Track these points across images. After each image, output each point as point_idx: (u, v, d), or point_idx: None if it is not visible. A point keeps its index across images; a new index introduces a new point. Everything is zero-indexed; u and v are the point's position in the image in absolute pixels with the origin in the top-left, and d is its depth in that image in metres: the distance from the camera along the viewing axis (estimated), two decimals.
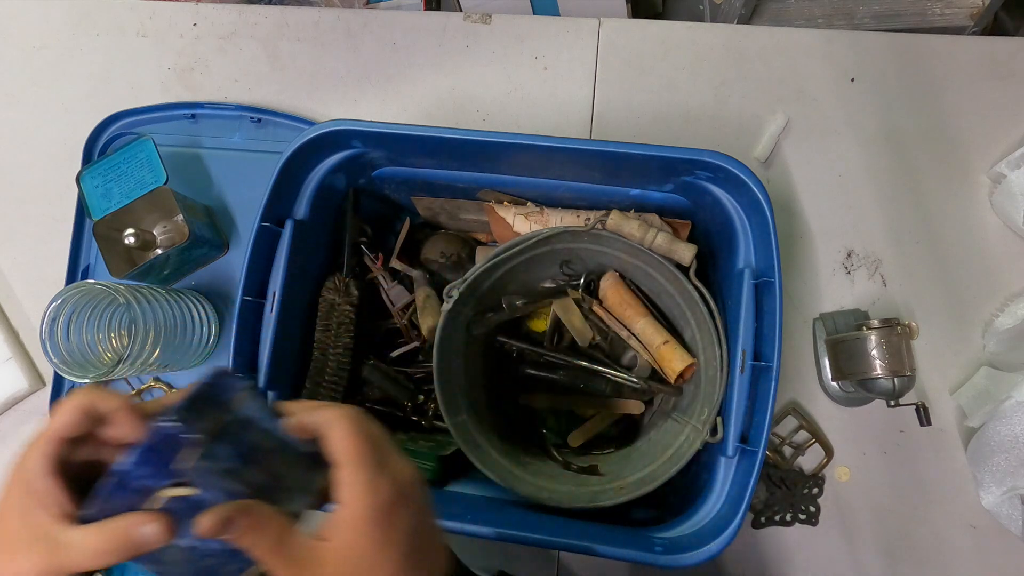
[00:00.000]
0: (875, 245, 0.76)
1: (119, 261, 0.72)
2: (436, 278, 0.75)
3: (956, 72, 0.79)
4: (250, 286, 0.62)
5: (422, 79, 0.83)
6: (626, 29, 0.83)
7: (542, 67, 0.82)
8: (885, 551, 0.72)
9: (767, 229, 0.57)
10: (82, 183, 0.73)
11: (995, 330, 0.72)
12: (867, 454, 0.73)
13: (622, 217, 0.64)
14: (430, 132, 0.60)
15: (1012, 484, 0.67)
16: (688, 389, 0.67)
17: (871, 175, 0.77)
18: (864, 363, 0.67)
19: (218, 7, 0.87)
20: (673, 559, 0.54)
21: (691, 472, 0.61)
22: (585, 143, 0.60)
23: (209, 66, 0.86)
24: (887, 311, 0.75)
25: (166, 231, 0.74)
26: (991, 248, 0.75)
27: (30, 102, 0.87)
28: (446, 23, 0.84)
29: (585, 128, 0.81)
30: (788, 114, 0.78)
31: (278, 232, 0.64)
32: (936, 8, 1.15)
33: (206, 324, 0.75)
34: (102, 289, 0.65)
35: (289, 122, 0.81)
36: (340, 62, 0.84)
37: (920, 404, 0.70)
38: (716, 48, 0.81)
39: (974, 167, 0.77)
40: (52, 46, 0.88)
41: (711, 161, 0.57)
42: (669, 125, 0.80)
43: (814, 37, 0.81)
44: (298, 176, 0.65)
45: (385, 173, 0.69)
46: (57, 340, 0.64)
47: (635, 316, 0.67)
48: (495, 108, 0.82)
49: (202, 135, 0.82)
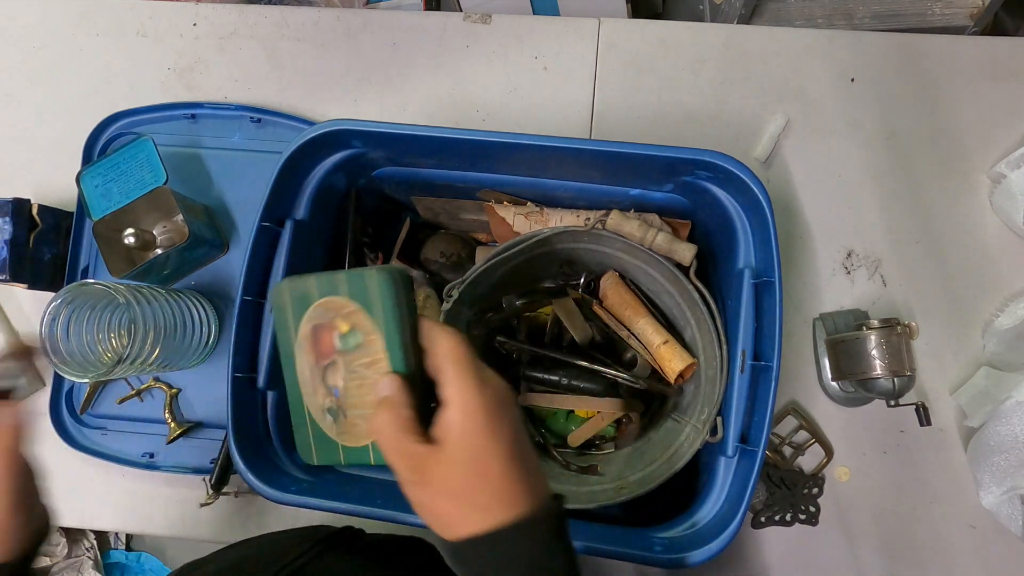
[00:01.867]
0: (875, 245, 0.76)
1: (119, 261, 0.71)
2: (436, 278, 0.75)
3: (956, 72, 0.79)
4: (250, 286, 0.62)
5: (422, 79, 0.83)
6: (626, 29, 0.83)
7: (542, 67, 0.82)
8: (885, 551, 0.72)
9: (767, 229, 0.57)
10: (82, 183, 0.73)
11: (995, 330, 0.72)
12: (867, 454, 0.73)
13: (622, 217, 0.64)
14: (430, 132, 0.60)
15: (1012, 484, 0.67)
16: (688, 389, 0.67)
17: (871, 175, 0.77)
18: (864, 363, 0.67)
19: (218, 7, 0.87)
20: (673, 559, 0.54)
21: (691, 472, 0.61)
22: (585, 143, 0.60)
23: (209, 66, 0.86)
24: (887, 311, 0.75)
25: (166, 231, 0.74)
26: (991, 248, 0.75)
27: (30, 102, 0.87)
28: (446, 23, 0.84)
29: (585, 128, 0.81)
30: (788, 114, 0.78)
31: (278, 232, 0.64)
32: (936, 8, 1.15)
33: (206, 324, 0.75)
34: (102, 289, 0.65)
35: (289, 122, 0.81)
36: (340, 62, 0.84)
37: (920, 404, 0.70)
38: (716, 48, 0.81)
39: (974, 167, 0.77)
40: (52, 46, 0.88)
41: (711, 161, 0.57)
42: (669, 125, 0.80)
43: (814, 37, 0.81)
44: (298, 176, 0.65)
45: (385, 173, 0.69)
46: (57, 340, 0.64)
47: (635, 316, 0.67)
48: (495, 108, 0.82)
49: (202, 135, 0.82)
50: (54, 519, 0.52)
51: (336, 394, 0.41)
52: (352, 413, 0.41)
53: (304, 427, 0.42)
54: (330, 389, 0.41)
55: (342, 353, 0.40)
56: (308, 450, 0.43)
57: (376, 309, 0.39)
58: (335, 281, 0.40)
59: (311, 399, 0.42)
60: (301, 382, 0.42)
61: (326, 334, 0.40)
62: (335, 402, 0.41)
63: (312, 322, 0.41)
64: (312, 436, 0.42)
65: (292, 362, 0.42)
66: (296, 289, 0.41)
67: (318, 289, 0.40)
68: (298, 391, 0.42)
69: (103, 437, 0.78)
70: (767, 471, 0.73)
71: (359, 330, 0.39)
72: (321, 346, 0.41)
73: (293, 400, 0.42)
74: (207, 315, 0.76)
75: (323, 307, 0.40)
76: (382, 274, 0.39)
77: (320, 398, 0.41)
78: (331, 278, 0.40)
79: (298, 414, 0.42)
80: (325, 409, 0.41)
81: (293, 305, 0.41)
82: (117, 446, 0.77)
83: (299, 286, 0.41)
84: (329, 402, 0.41)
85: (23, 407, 0.48)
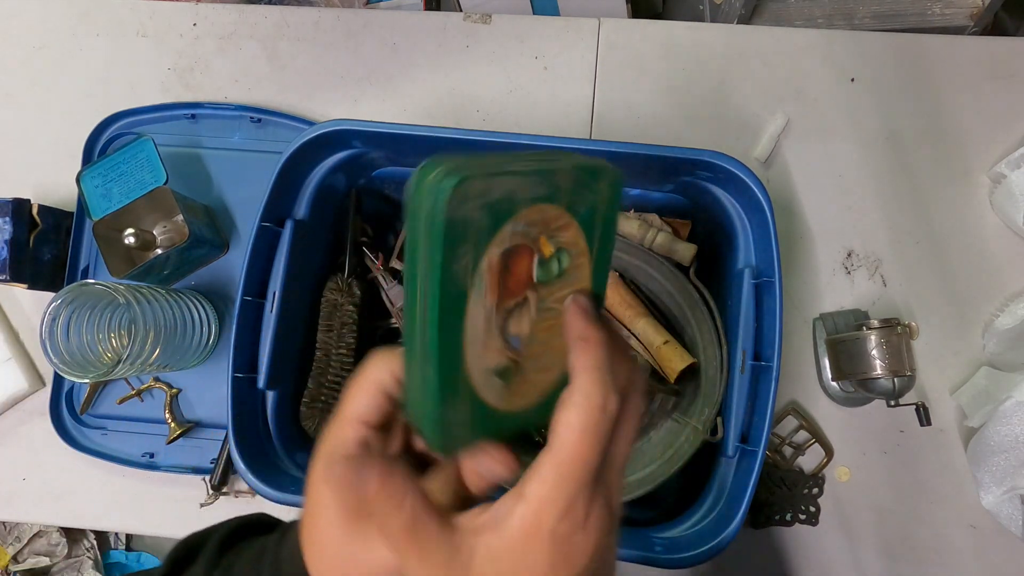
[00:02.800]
0: (875, 245, 0.76)
1: (119, 261, 0.71)
2: None
3: (956, 72, 0.79)
4: (250, 286, 0.62)
5: (422, 79, 0.83)
6: (626, 29, 0.83)
7: (542, 67, 0.82)
8: (885, 551, 0.72)
9: (767, 229, 0.57)
10: (82, 183, 0.73)
11: (995, 330, 0.72)
12: (867, 454, 0.73)
13: (622, 217, 0.64)
14: (430, 132, 0.60)
15: (1012, 484, 0.67)
16: (688, 389, 0.67)
17: (871, 175, 0.77)
18: (864, 363, 0.67)
19: (218, 7, 0.87)
20: (673, 559, 0.54)
21: (691, 472, 0.61)
22: (585, 143, 0.61)
23: (209, 66, 0.86)
24: (887, 311, 0.75)
25: (166, 231, 0.74)
26: (991, 248, 0.75)
27: (30, 102, 0.87)
28: (446, 23, 0.84)
29: (585, 128, 0.81)
30: (788, 114, 0.78)
31: (278, 232, 0.64)
32: (936, 8, 1.15)
33: (206, 324, 0.75)
34: (102, 289, 0.65)
35: (289, 122, 0.81)
36: (340, 62, 0.84)
37: (920, 404, 0.70)
38: (716, 48, 0.81)
39: (974, 167, 0.77)
40: (52, 46, 0.88)
41: (711, 161, 0.57)
42: (669, 125, 0.80)
43: (814, 37, 0.81)
44: (298, 176, 0.65)
45: (385, 173, 0.69)
46: (57, 340, 0.64)
47: (635, 316, 0.67)
48: (495, 108, 0.82)
49: (202, 135, 0.82)
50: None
51: (516, 345, 0.29)
52: (530, 366, 0.29)
53: (455, 403, 0.28)
54: (509, 341, 0.29)
55: (537, 287, 0.29)
56: (452, 436, 0.28)
57: (596, 223, 0.29)
58: (554, 178, 0.27)
59: (477, 360, 0.28)
60: (470, 339, 0.27)
61: (523, 260, 0.28)
62: (513, 356, 0.29)
63: (504, 244, 0.27)
64: (471, 413, 0.28)
65: (456, 309, 0.27)
66: (481, 183, 0.25)
67: (530, 189, 0.27)
68: (457, 354, 0.27)
69: (103, 437, 0.78)
70: (767, 471, 0.73)
71: (568, 250, 0.29)
72: (512, 279, 0.28)
73: (444, 369, 0.27)
74: (207, 315, 0.76)
75: (527, 219, 0.27)
76: (616, 173, 0.29)
77: (492, 356, 0.28)
78: (543, 174, 0.27)
79: (449, 387, 0.27)
80: (493, 371, 0.28)
81: (478, 213, 0.25)
82: (117, 446, 0.77)
83: (489, 181, 0.26)
84: (503, 359, 0.29)
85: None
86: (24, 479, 0.79)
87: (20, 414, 0.80)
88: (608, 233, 0.30)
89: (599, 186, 0.28)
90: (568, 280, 0.29)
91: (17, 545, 1.55)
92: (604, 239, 0.29)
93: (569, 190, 0.28)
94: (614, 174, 0.29)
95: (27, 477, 0.79)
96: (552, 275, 0.29)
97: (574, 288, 0.29)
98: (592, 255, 0.29)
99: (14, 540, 1.55)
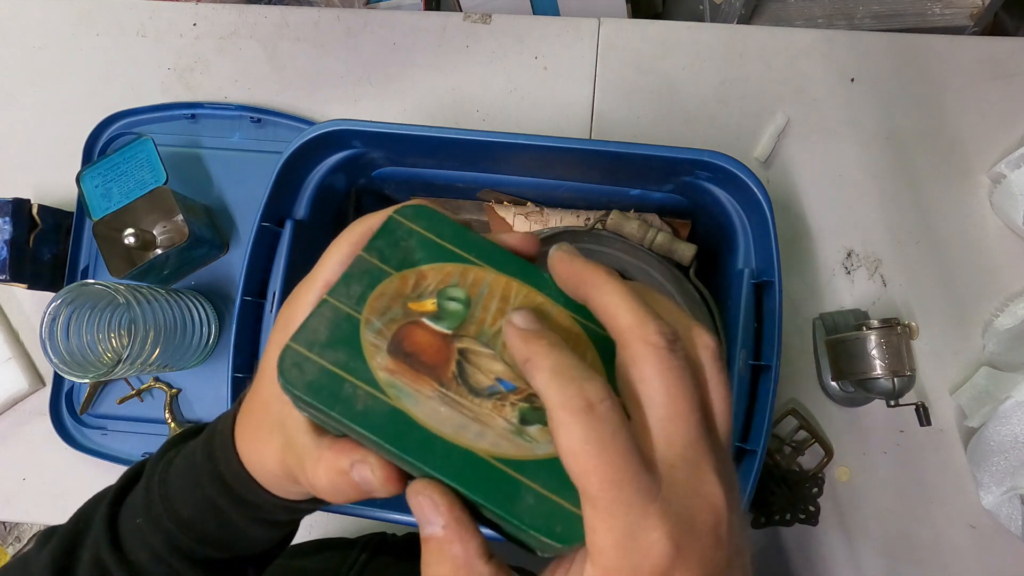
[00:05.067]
0: (875, 245, 0.76)
1: (119, 261, 0.72)
2: None
3: (956, 72, 0.79)
4: (250, 286, 0.62)
5: (422, 79, 0.83)
6: (626, 29, 0.83)
7: (542, 67, 0.82)
8: (885, 551, 0.72)
9: (767, 229, 0.57)
10: (82, 183, 0.73)
11: (995, 330, 0.72)
12: (867, 454, 0.73)
13: (622, 217, 0.64)
14: (430, 132, 0.60)
15: (1012, 484, 0.67)
16: None
17: (871, 175, 0.77)
18: (864, 363, 0.67)
19: (218, 7, 0.87)
20: None
21: None
22: (585, 143, 0.61)
23: (209, 66, 0.86)
24: (887, 311, 0.75)
25: (166, 231, 0.74)
26: (991, 248, 0.75)
27: (30, 102, 0.87)
28: (446, 23, 0.84)
29: (585, 128, 0.81)
30: (788, 114, 0.78)
31: (278, 232, 0.64)
32: (936, 8, 1.14)
33: (206, 324, 0.75)
34: (102, 289, 0.65)
35: (289, 122, 0.81)
36: (340, 62, 0.84)
37: (920, 404, 0.70)
38: (716, 48, 0.81)
39: (974, 167, 0.77)
40: (52, 46, 0.88)
41: (711, 161, 0.57)
42: (669, 125, 0.80)
43: (814, 37, 0.81)
44: (298, 176, 0.65)
45: (385, 173, 0.69)
46: (57, 340, 0.64)
47: None
48: (495, 108, 0.82)
49: (202, 135, 0.82)
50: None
51: (506, 387, 0.25)
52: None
53: (523, 495, 0.23)
54: (494, 391, 0.25)
55: (458, 334, 0.25)
56: (553, 525, 0.23)
57: (447, 247, 0.27)
58: (365, 263, 0.27)
59: (496, 439, 0.24)
60: (456, 435, 0.24)
61: (414, 334, 0.25)
62: (516, 395, 0.25)
63: (382, 339, 0.25)
64: (545, 489, 0.23)
65: (426, 435, 0.24)
66: (306, 351, 0.25)
67: (358, 288, 0.26)
68: (481, 470, 0.23)
69: (103, 437, 0.78)
70: (767, 471, 0.73)
71: (452, 285, 0.26)
72: (426, 355, 0.25)
73: (490, 491, 0.23)
74: (207, 315, 0.76)
75: (375, 309, 0.26)
76: (407, 207, 0.28)
77: (500, 419, 0.24)
78: (348, 279, 0.27)
79: (504, 491, 0.23)
80: (513, 429, 0.24)
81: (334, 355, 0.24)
82: (117, 446, 0.77)
83: (313, 336, 0.25)
84: (510, 411, 0.24)
85: None
86: (24, 479, 0.79)
87: (20, 414, 0.80)
88: (475, 240, 0.28)
89: (408, 228, 0.28)
90: (487, 300, 0.26)
91: (17, 545, 1.55)
92: (475, 244, 0.28)
93: (388, 252, 0.27)
94: (406, 210, 0.28)
95: (27, 477, 0.79)
96: (459, 314, 0.26)
97: (501, 301, 0.26)
98: (491, 261, 0.27)
99: (14, 540, 1.56)
